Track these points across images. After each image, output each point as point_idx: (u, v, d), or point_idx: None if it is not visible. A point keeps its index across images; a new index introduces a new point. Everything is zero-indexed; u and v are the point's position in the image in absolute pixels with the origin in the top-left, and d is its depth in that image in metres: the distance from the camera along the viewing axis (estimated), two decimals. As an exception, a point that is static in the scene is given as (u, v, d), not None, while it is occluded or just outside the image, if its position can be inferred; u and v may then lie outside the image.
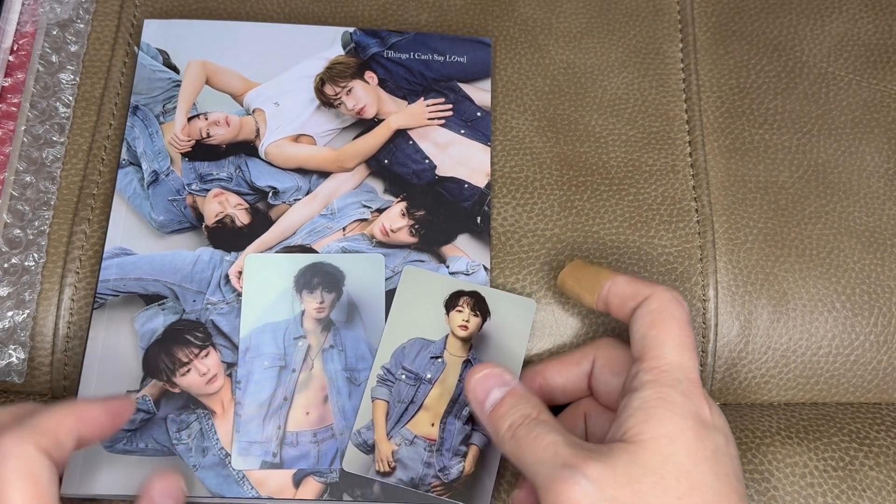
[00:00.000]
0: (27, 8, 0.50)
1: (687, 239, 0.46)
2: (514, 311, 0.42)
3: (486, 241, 0.45)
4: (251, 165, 0.46)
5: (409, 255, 0.44)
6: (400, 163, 0.46)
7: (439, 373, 0.41)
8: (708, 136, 0.49)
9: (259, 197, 0.45)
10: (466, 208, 0.45)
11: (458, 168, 0.46)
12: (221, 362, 0.41)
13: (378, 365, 0.41)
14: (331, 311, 0.42)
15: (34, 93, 0.48)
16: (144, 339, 0.42)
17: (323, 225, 0.44)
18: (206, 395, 0.41)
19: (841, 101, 0.50)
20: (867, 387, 0.45)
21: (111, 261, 0.43)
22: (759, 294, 0.45)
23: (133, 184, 0.45)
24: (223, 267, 0.43)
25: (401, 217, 0.45)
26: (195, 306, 0.43)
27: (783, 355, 0.45)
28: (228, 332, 0.42)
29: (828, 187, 0.48)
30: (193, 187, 0.45)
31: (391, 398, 0.41)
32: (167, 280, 0.43)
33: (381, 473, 0.39)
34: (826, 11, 0.53)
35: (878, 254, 0.46)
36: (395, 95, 0.48)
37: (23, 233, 0.45)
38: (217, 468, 0.40)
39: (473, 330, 0.42)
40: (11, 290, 0.43)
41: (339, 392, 0.41)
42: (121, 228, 0.44)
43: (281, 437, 0.40)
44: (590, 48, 0.51)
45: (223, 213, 0.44)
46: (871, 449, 0.42)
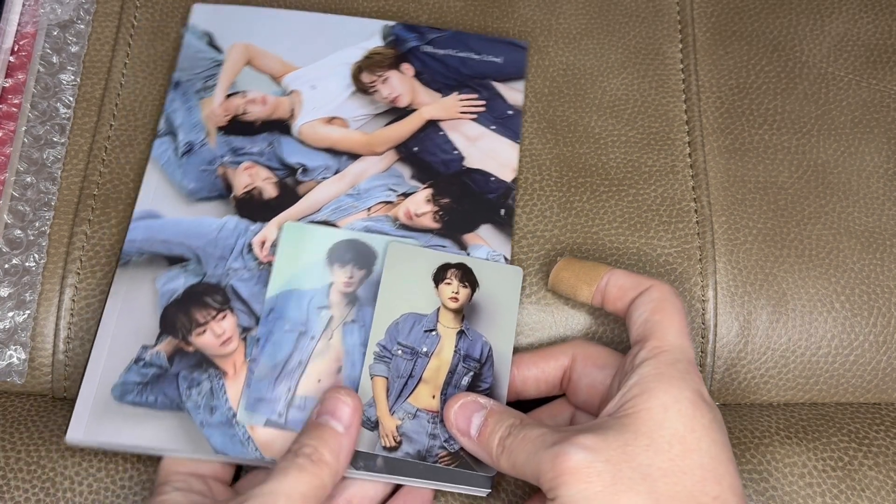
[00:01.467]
0: (28, 9, 0.50)
1: (686, 239, 0.46)
2: (502, 279, 0.43)
3: (508, 233, 0.45)
4: (283, 142, 0.47)
5: (430, 239, 0.44)
6: (429, 151, 0.47)
7: (434, 345, 0.41)
8: (707, 137, 0.49)
9: (288, 172, 0.46)
10: (491, 200, 0.46)
11: (486, 161, 0.47)
12: (238, 326, 0.42)
13: (373, 342, 0.41)
14: (358, 287, 0.43)
15: (35, 93, 0.48)
16: (164, 298, 0.43)
17: (349, 204, 0.45)
18: (219, 356, 0.42)
19: (841, 102, 0.50)
20: (866, 387, 0.45)
21: (139, 222, 0.44)
22: (759, 294, 0.45)
23: (168, 152, 0.46)
24: (247, 235, 0.44)
25: (426, 203, 0.45)
26: (216, 271, 0.43)
27: (782, 355, 0.45)
28: (247, 298, 0.43)
29: (827, 188, 0.48)
30: (226, 159, 0.46)
31: (390, 374, 0.41)
32: (192, 244, 0.44)
33: (387, 448, 0.39)
34: (826, 11, 0.53)
35: (878, 254, 0.46)
36: (430, 88, 0.49)
37: (23, 233, 0.45)
38: (223, 427, 0.40)
39: (464, 301, 0.42)
40: (12, 291, 0.44)
41: (353, 365, 0.41)
42: (151, 193, 0.45)
43: (289, 400, 0.41)
44: (589, 49, 0.51)
45: (252, 186, 0.46)
46: (870, 449, 0.42)
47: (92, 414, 0.40)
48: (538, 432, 0.34)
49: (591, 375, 0.40)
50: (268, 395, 0.41)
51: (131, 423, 0.40)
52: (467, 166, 0.47)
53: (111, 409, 0.40)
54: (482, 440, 0.37)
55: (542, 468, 0.33)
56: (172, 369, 0.41)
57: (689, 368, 0.35)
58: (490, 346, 0.41)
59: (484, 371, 0.41)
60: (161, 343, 0.42)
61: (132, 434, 0.40)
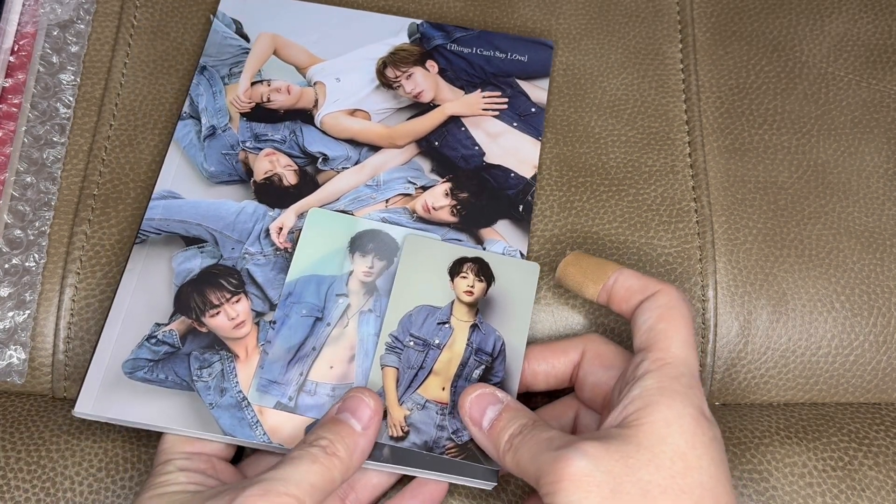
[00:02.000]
0: (28, 9, 0.50)
1: (686, 239, 0.46)
2: (518, 275, 0.43)
3: (525, 229, 0.45)
4: (305, 131, 0.48)
5: (447, 233, 0.45)
6: (450, 146, 0.47)
7: (447, 338, 0.42)
8: (707, 137, 0.49)
9: (309, 161, 0.47)
10: (510, 196, 0.46)
11: (507, 157, 0.47)
12: (251, 310, 0.42)
13: (386, 333, 0.42)
14: (378, 277, 0.43)
15: (35, 93, 0.48)
16: (179, 277, 0.43)
17: (367, 194, 0.46)
18: (231, 339, 0.42)
19: (840, 102, 0.50)
20: (866, 387, 0.45)
21: (158, 202, 0.45)
22: (759, 294, 0.45)
23: (190, 135, 0.47)
24: (265, 221, 0.45)
25: (444, 196, 0.46)
26: (233, 254, 0.44)
27: (782, 355, 0.45)
28: (262, 283, 0.43)
29: (827, 187, 0.48)
30: (248, 145, 0.47)
31: (400, 365, 0.41)
32: (210, 226, 0.44)
33: (394, 438, 0.39)
34: (825, 12, 0.53)
35: (878, 254, 0.46)
36: (454, 85, 0.49)
37: (23, 233, 0.45)
38: (233, 410, 0.40)
39: (479, 295, 0.42)
40: (12, 291, 0.43)
41: (366, 354, 0.42)
42: (172, 174, 0.46)
43: (300, 384, 0.41)
44: (589, 49, 0.51)
45: (272, 172, 0.46)
46: (870, 449, 0.42)
47: (102, 388, 0.40)
48: (547, 435, 0.35)
49: (596, 374, 0.40)
50: (280, 377, 0.41)
51: (141, 400, 0.40)
52: (487, 162, 0.47)
53: (121, 384, 0.40)
54: (492, 434, 0.37)
55: (542, 470, 0.33)
56: (184, 349, 0.41)
57: (692, 383, 0.35)
58: (503, 340, 0.41)
59: (496, 365, 0.41)
60: (174, 322, 0.42)
61: (141, 410, 0.40)
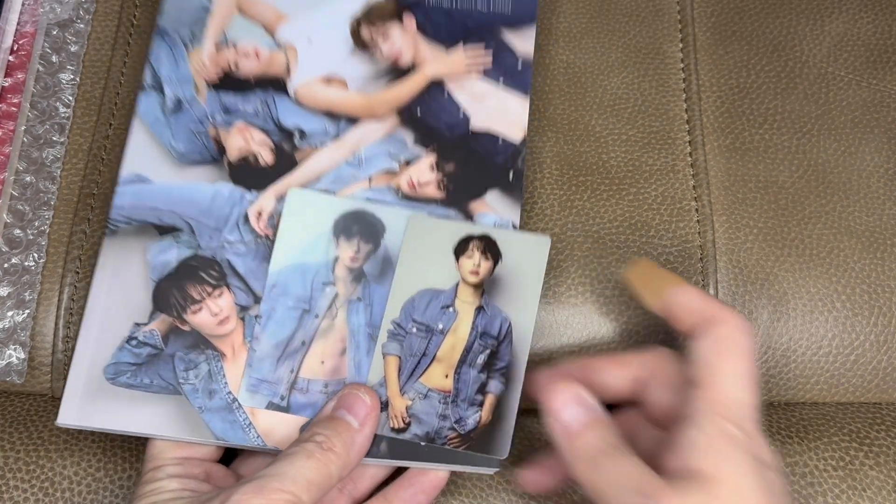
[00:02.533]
0: (27, 8, 0.50)
1: (687, 239, 0.46)
2: (527, 250, 0.41)
3: (517, 197, 0.43)
4: (279, 103, 0.44)
5: (434, 209, 0.42)
6: (432, 114, 0.44)
7: (451, 322, 0.40)
8: (708, 136, 0.49)
9: (285, 137, 0.44)
10: (499, 164, 0.44)
11: (494, 121, 0.44)
12: (235, 304, 0.40)
13: (388, 320, 0.40)
14: (365, 262, 0.41)
15: (34, 93, 0.48)
16: (156, 272, 0.41)
17: (349, 173, 0.43)
18: (216, 337, 0.40)
19: (841, 101, 0.50)
20: (867, 387, 0.45)
21: (127, 187, 0.42)
22: (760, 294, 0.45)
23: (155, 110, 0.44)
24: (243, 205, 0.42)
25: (429, 170, 0.43)
26: (211, 243, 0.41)
27: (783, 355, 0.45)
28: (244, 274, 0.41)
29: (828, 187, 0.48)
30: (217, 118, 0.44)
31: (403, 353, 0.39)
32: (184, 213, 0.42)
33: (395, 430, 0.38)
34: (826, 11, 0.53)
35: (879, 254, 0.46)
36: (434, 41, 0.46)
37: (23, 233, 0.45)
38: (223, 412, 0.39)
39: (485, 275, 0.40)
40: (11, 290, 0.43)
41: (357, 346, 0.40)
42: (139, 155, 0.43)
43: (292, 381, 0.39)
44: (590, 48, 0.51)
45: (247, 151, 0.43)
46: (871, 449, 0.42)
47: (84, 395, 0.38)
48: (629, 468, 0.33)
49: (661, 395, 0.37)
50: (269, 376, 0.39)
51: (126, 407, 0.38)
52: (473, 129, 0.44)
53: (104, 391, 0.39)
54: (577, 441, 0.35)
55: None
56: (168, 349, 0.39)
57: (753, 428, 0.34)
58: (510, 322, 0.40)
59: (501, 349, 0.40)
60: (154, 321, 0.40)
61: (127, 418, 0.38)
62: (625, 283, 0.41)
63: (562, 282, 0.45)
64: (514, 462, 0.41)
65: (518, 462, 0.41)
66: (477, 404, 0.39)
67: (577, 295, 0.45)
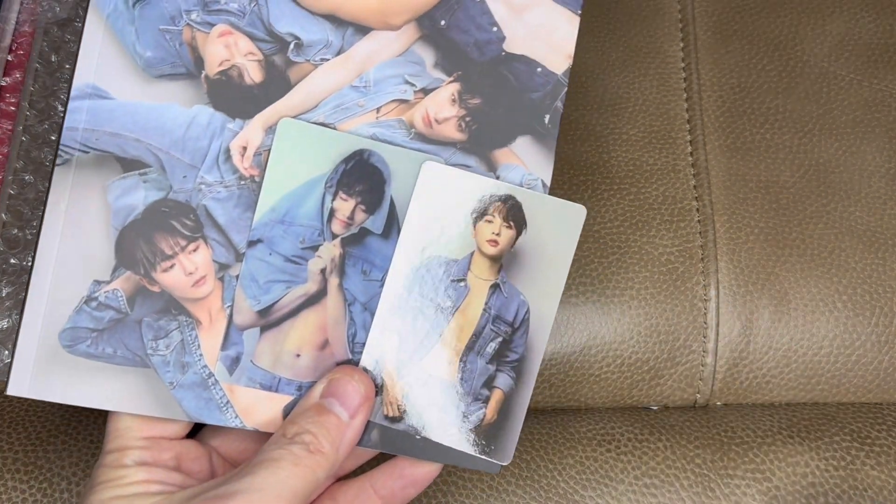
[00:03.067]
0: (26, 7, 0.49)
1: (688, 238, 0.46)
2: (557, 221, 0.35)
3: (550, 147, 0.36)
4: (271, 1, 0.36)
5: (452, 155, 0.35)
6: (460, 27, 0.36)
7: (461, 299, 0.34)
8: (709, 136, 0.49)
9: (277, 48, 0.36)
10: (534, 101, 0.36)
11: (533, 44, 0.36)
12: (213, 262, 0.34)
13: (390, 290, 0.34)
14: (366, 218, 0.35)
15: (33, 92, 0.48)
16: (119, 218, 0.34)
17: (353, 101, 0.36)
18: (190, 300, 0.34)
19: (842, 101, 0.50)
20: (868, 387, 0.45)
21: (81, 102, 0.35)
22: (761, 294, 0.45)
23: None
24: (224, 136, 0.35)
25: (450, 103, 0.36)
26: (185, 184, 0.34)
27: (784, 355, 0.45)
28: (224, 225, 0.34)
29: (829, 187, 0.48)
30: (194, 17, 0.35)
31: (404, 330, 0.34)
32: (152, 143, 0.34)
33: (389, 418, 0.34)
34: (827, 11, 0.52)
35: (880, 254, 0.46)
36: None
37: (21, 233, 0.44)
38: (198, 389, 0.34)
39: (505, 246, 0.35)
40: (10, 291, 0.43)
41: (352, 318, 0.35)
42: (95, 60, 0.35)
43: (277, 355, 0.34)
44: (590, 47, 0.51)
45: (229, 63, 0.35)
46: (872, 448, 0.42)
47: (38, 364, 0.33)
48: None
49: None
50: (251, 348, 0.34)
51: (86, 379, 0.33)
52: (508, 50, 0.36)
53: (60, 360, 0.33)
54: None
55: None
56: (134, 314, 0.34)
57: None
58: (528, 306, 0.35)
59: (515, 338, 0.35)
60: (118, 279, 0.34)
61: (87, 391, 0.33)
62: None
63: (562, 282, 0.45)
64: (514, 464, 0.41)
65: (520, 464, 0.41)
66: (482, 399, 0.35)
67: (578, 295, 0.44)
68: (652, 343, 0.44)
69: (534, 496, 0.41)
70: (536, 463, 0.41)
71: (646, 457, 0.42)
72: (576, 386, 0.44)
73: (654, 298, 0.45)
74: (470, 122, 0.36)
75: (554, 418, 0.44)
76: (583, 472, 0.41)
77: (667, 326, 0.44)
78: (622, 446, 0.42)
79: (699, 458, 0.42)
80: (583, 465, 0.42)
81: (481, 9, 0.37)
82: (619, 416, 0.44)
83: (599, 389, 0.45)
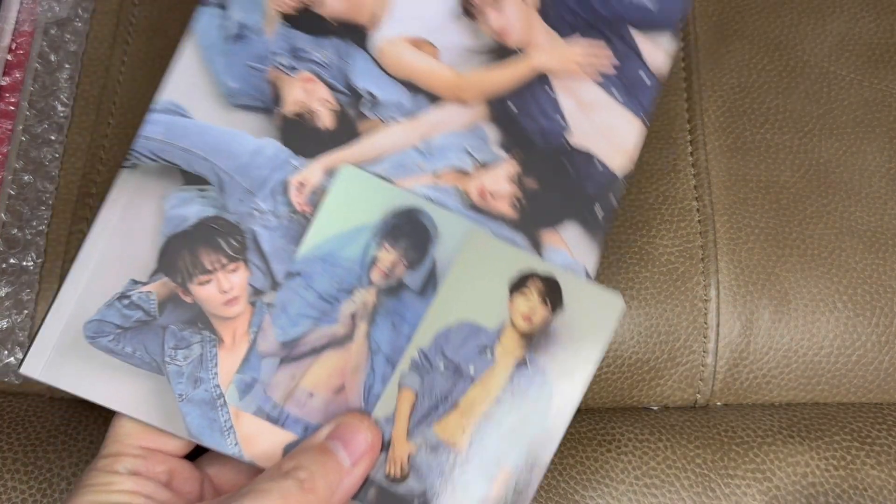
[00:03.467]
0: (25, 7, 0.49)
1: (688, 238, 0.46)
2: (594, 308, 0.35)
3: (599, 239, 0.37)
4: (356, 58, 0.38)
5: (499, 228, 0.36)
6: (528, 113, 0.38)
7: (485, 369, 0.34)
8: (709, 136, 0.49)
9: (352, 100, 0.38)
10: (589, 193, 0.37)
11: (597, 140, 0.38)
12: (249, 285, 0.35)
13: (415, 347, 0.34)
14: (406, 273, 0.36)
15: (32, 91, 0.48)
16: (170, 225, 0.36)
17: (414, 161, 0.37)
18: (219, 318, 0.35)
19: (843, 101, 0.50)
20: (869, 387, 0.45)
21: (161, 116, 0.37)
22: (761, 294, 0.45)
23: (212, 31, 0.38)
24: (285, 171, 0.36)
25: (507, 181, 0.37)
26: (240, 207, 0.36)
27: (785, 355, 0.45)
28: (268, 252, 0.35)
29: (830, 187, 0.48)
30: (282, 60, 0.38)
31: (422, 389, 0.34)
32: (218, 163, 0.36)
33: (390, 478, 0.34)
34: (827, 11, 0.52)
35: (881, 254, 0.46)
36: (553, 27, 0.39)
37: (21, 233, 0.44)
38: (205, 408, 0.34)
39: (538, 323, 0.35)
40: (10, 291, 0.43)
41: (373, 368, 0.35)
42: (183, 81, 0.37)
43: (291, 390, 0.35)
44: (591, 47, 0.51)
45: (305, 106, 0.37)
46: (872, 448, 0.42)
47: (57, 349, 0.34)
48: None
49: None
50: (267, 377, 0.35)
51: (99, 373, 0.34)
52: (570, 142, 0.38)
53: (79, 349, 0.34)
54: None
55: None
56: (161, 319, 0.35)
57: None
58: (551, 391, 0.35)
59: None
60: (154, 282, 0.35)
61: (97, 387, 0.34)
62: None
63: (563, 282, 0.45)
64: None
65: None
66: (490, 475, 0.34)
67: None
68: (652, 343, 0.44)
69: (534, 496, 0.41)
70: (537, 463, 0.41)
71: (646, 457, 0.42)
72: (576, 386, 0.44)
73: (655, 298, 0.45)
74: (523, 202, 0.37)
75: (554, 418, 0.44)
76: (583, 472, 0.41)
77: (667, 326, 0.44)
78: (622, 446, 0.42)
79: (699, 458, 0.42)
80: (583, 465, 0.42)
81: (551, 100, 0.38)
82: (619, 416, 0.44)
83: (599, 390, 0.45)
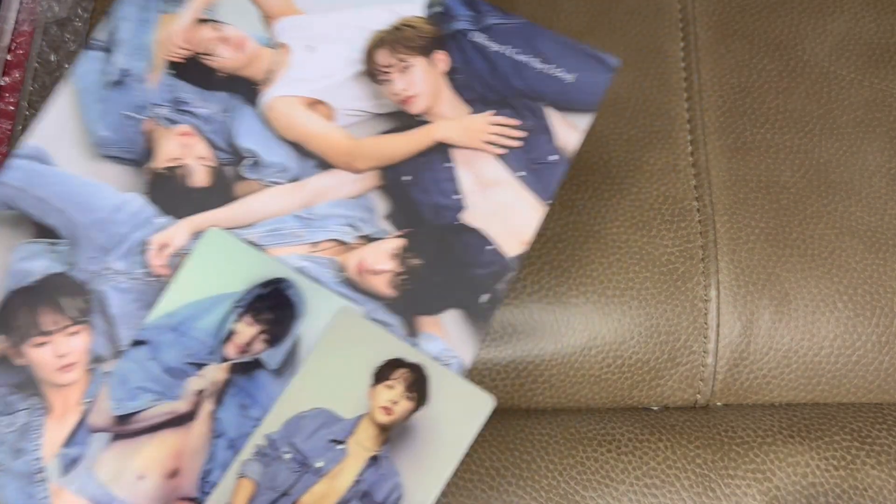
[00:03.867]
0: (25, 6, 0.49)
1: (689, 239, 0.46)
2: (461, 407, 0.32)
3: (481, 329, 0.34)
4: (243, 115, 0.36)
5: (374, 310, 0.33)
6: (422, 186, 0.35)
7: (334, 464, 0.31)
8: (710, 136, 0.49)
9: (232, 159, 0.35)
10: (476, 277, 0.35)
11: (492, 221, 0.35)
12: (89, 351, 0.32)
13: (262, 432, 0.31)
14: (264, 349, 0.33)
15: (32, 91, 0.48)
16: (13, 279, 0.33)
17: (291, 229, 0.34)
18: (50, 384, 0.32)
19: (843, 101, 0.50)
20: (869, 387, 0.45)
21: (22, 161, 0.34)
22: (761, 294, 0.45)
23: (92, 75, 0.36)
24: (146, 230, 0.34)
25: (389, 258, 0.34)
26: (90, 265, 0.33)
27: (785, 355, 0.45)
28: (115, 316, 0.33)
29: (830, 187, 0.48)
30: (161, 111, 0.35)
31: (262, 480, 0.31)
32: (74, 216, 0.34)
33: None
34: (828, 10, 0.52)
35: (881, 254, 0.46)
36: (461, 96, 0.37)
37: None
38: (23, 481, 0.31)
39: (398, 417, 0.32)
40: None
41: (213, 454, 0.32)
42: (53, 126, 0.35)
43: (119, 471, 0.31)
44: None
45: (179, 161, 0.35)
46: (872, 448, 0.42)
47: None
48: None
49: None
50: (95, 454, 0.31)
51: None
52: (463, 221, 0.35)
53: None
54: None
55: None
56: None
57: None
58: (401, 493, 0.31)
59: None
60: None
61: None
62: None
63: (562, 282, 0.45)
64: (515, 464, 0.41)
65: (520, 464, 0.41)
66: None
67: (578, 295, 0.44)
68: (652, 343, 0.44)
69: (534, 496, 0.41)
70: (537, 463, 0.41)
71: (646, 457, 0.42)
72: (576, 386, 0.44)
73: (655, 299, 0.45)
74: (404, 282, 0.34)
75: (554, 418, 0.44)
76: (583, 472, 0.41)
77: (667, 327, 0.44)
78: (623, 447, 0.42)
79: (700, 458, 0.42)
80: (584, 465, 0.42)
81: (448, 174, 0.36)
82: (619, 416, 0.44)
83: (600, 390, 0.45)
